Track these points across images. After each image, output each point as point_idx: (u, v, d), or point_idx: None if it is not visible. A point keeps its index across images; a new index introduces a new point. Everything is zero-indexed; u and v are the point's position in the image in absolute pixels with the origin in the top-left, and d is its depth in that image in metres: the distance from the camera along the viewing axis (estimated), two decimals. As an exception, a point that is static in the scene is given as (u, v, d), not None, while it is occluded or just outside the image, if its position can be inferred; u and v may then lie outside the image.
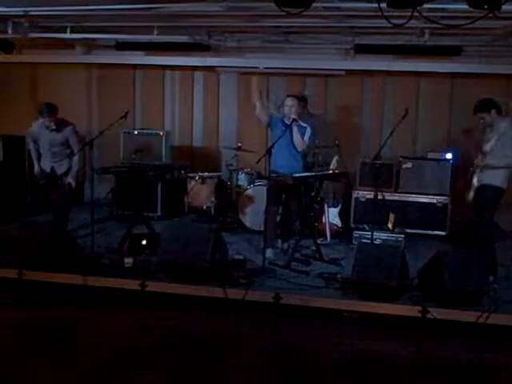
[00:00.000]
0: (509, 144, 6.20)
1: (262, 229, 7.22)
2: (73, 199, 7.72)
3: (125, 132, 9.27)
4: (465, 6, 4.56)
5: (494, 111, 6.35)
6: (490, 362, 4.99)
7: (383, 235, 7.62)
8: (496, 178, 6.29)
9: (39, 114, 7.26)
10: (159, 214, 8.97)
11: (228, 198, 8.75)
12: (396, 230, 7.80)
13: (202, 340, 5.23)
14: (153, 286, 6.04)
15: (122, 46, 8.66)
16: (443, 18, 6.01)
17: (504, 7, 4.36)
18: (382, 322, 5.58)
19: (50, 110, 7.25)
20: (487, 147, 6.28)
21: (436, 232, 8.29)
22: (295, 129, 6.98)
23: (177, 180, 9.23)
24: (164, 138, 9.33)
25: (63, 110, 9.97)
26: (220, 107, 10.10)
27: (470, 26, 4.78)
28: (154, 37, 7.92)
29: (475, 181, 6.39)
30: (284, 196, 7.28)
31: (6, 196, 8.74)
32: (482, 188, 6.35)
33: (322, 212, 8.18)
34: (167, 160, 9.34)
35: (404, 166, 8.55)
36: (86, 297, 6.01)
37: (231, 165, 8.92)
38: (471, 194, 6.47)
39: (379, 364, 4.90)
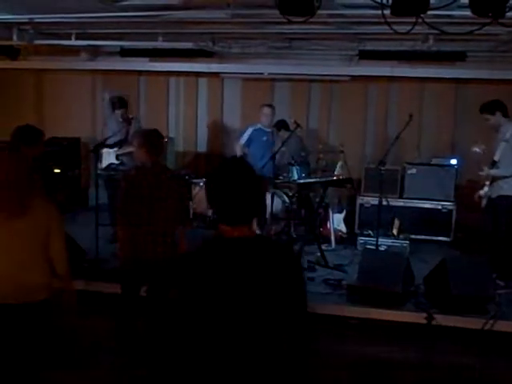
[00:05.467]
0: None
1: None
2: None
3: (129, 138, 9.28)
4: (469, 13, 4.55)
5: (498, 113, 6.26)
6: (495, 368, 4.98)
7: (388, 241, 7.62)
8: (509, 188, 6.19)
9: None
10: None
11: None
12: (401, 235, 7.79)
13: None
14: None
15: (126, 53, 8.67)
16: (447, 24, 6.02)
17: (508, 14, 4.36)
18: (387, 329, 5.57)
19: None
20: (496, 157, 6.19)
21: (441, 238, 8.27)
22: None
23: (181, 186, 9.21)
24: (168, 143, 9.33)
25: (68, 116, 10.07)
26: (224, 113, 10.12)
27: (475, 31, 4.78)
28: (159, 43, 7.93)
29: (482, 193, 6.32)
30: None
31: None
32: (495, 200, 6.26)
33: (327, 218, 8.18)
34: (171, 166, 9.34)
35: (409, 171, 8.55)
36: (88, 302, 6.00)
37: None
38: (483, 202, 6.38)
39: (384, 370, 4.89)
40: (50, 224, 3.41)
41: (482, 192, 6.31)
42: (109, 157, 7.75)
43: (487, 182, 6.27)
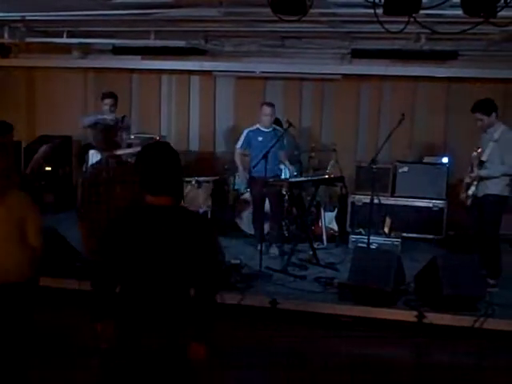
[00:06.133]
0: (505, 151, 6.11)
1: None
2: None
3: (121, 136, 9.24)
4: (461, 12, 4.57)
5: (494, 114, 6.21)
6: (486, 366, 5.01)
7: (379, 239, 7.63)
8: (494, 187, 6.20)
9: None
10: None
11: (225, 202, 8.75)
12: (392, 234, 7.81)
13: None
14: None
15: (118, 51, 8.66)
16: (439, 23, 6.04)
17: (500, 13, 4.37)
18: (378, 327, 5.59)
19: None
20: (484, 157, 6.18)
21: (432, 236, 8.29)
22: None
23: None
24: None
25: (59, 114, 10.03)
26: (216, 111, 10.10)
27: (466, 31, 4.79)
28: (151, 41, 7.92)
29: (470, 193, 6.34)
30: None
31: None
32: (482, 199, 6.27)
33: (319, 216, 8.19)
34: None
35: (400, 170, 8.57)
36: (81, 301, 5.97)
37: (228, 169, 8.92)
38: (469, 200, 6.41)
39: (375, 368, 4.90)
40: (25, 212, 3.76)
41: (469, 192, 6.34)
42: (97, 159, 7.67)
43: (474, 182, 6.30)
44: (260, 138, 7.41)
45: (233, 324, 5.59)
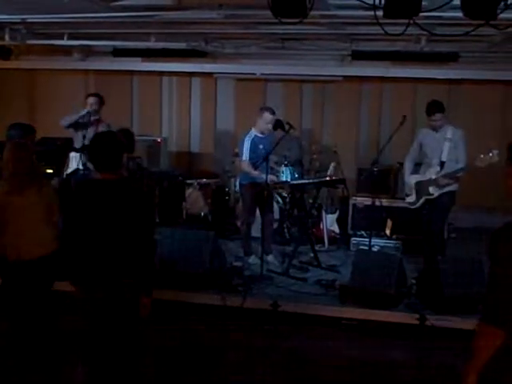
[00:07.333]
0: (459, 148, 6.32)
1: (259, 235, 7.19)
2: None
3: (122, 138, 9.23)
4: (461, 14, 4.56)
5: (445, 115, 6.47)
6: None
7: (381, 242, 7.62)
8: (452, 185, 6.39)
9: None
10: (157, 220, 8.92)
11: (225, 205, 8.74)
12: (394, 236, 7.80)
13: (200, 346, 5.23)
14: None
15: (119, 53, 8.66)
16: (440, 25, 6.04)
17: (500, 15, 4.36)
18: (379, 330, 5.58)
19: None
20: (444, 157, 6.35)
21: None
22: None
23: (174, 186, 9.20)
24: (161, 144, 9.31)
25: (60, 116, 10.01)
26: (217, 113, 10.11)
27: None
28: (152, 43, 7.93)
29: (432, 190, 6.45)
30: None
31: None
32: (441, 197, 6.43)
33: (320, 218, 8.18)
34: (164, 166, 9.32)
35: (401, 171, 8.54)
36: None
37: (229, 171, 8.92)
38: (421, 201, 6.61)
39: (377, 371, 4.89)
40: (53, 197, 4.48)
41: (436, 193, 6.46)
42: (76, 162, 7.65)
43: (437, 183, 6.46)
44: (261, 146, 6.98)
45: (234, 327, 5.59)
